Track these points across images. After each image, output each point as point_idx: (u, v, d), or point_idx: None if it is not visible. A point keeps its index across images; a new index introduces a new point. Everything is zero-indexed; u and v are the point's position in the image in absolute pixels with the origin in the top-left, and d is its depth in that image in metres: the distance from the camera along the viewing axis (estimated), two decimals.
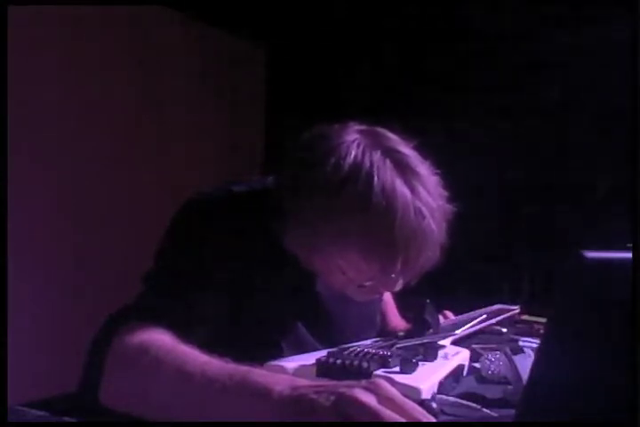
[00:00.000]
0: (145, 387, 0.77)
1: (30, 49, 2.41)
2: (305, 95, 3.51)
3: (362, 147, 0.93)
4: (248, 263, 0.96)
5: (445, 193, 0.98)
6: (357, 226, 0.91)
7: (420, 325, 1.10)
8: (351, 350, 0.91)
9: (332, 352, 0.90)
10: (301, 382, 0.66)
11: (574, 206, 2.92)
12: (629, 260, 0.54)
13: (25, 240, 2.31)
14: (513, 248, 3.03)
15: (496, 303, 1.65)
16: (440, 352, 0.98)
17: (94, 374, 0.83)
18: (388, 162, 0.92)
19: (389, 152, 0.94)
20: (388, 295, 1.39)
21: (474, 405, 0.85)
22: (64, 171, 2.61)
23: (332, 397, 0.60)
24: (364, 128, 0.98)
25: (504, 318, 1.50)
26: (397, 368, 0.86)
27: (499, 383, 0.99)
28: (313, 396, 0.61)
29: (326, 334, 1.07)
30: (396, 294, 1.28)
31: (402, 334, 1.13)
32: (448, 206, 0.97)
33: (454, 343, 1.13)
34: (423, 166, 0.96)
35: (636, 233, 1.37)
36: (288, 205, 0.94)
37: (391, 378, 0.82)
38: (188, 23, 3.17)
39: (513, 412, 0.65)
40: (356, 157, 0.91)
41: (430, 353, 0.95)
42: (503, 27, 3.09)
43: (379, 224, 0.90)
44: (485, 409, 0.84)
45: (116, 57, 2.83)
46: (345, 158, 0.91)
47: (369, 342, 1.05)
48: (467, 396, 0.90)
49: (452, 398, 0.87)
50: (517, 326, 1.54)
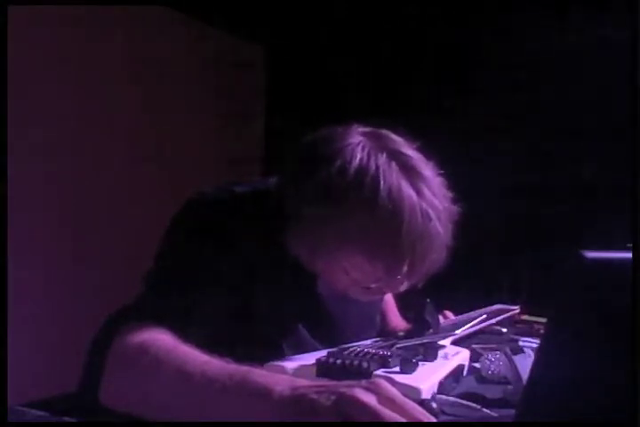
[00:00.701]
0: (145, 387, 0.77)
1: (30, 49, 2.41)
2: (305, 95, 3.51)
3: (367, 150, 0.92)
4: (249, 264, 0.96)
5: (450, 194, 0.98)
6: (363, 229, 0.91)
7: (420, 325, 1.10)
8: (351, 350, 0.91)
9: (332, 352, 0.90)
10: (301, 383, 0.66)
11: (574, 206, 2.92)
12: (629, 260, 0.54)
13: (25, 240, 2.31)
14: (513, 248, 3.03)
15: (496, 303, 1.65)
16: (440, 352, 0.98)
17: (94, 374, 0.83)
18: (393, 165, 0.92)
19: (394, 155, 0.93)
20: (388, 295, 1.38)
21: (474, 405, 0.85)
22: (64, 171, 2.61)
23: (333, 397, 0.60)
24: (367, 130, 0.98)
25: (504, 318, 1.50)
26: (397, 368, 0.86)
27: (499, 383, 0.99)
28: (313, 396, 0.61)
29: (327, 334, 1.07)
30: (397, 294, 1.29)
31: (402, 334, 1.13)
32: (454, 208, 0.97)
33: (454, 343, 1.13)
34: (428, 168, 0.96)
35: (636, 233, 1.36)
36: (291, 207, 0.94)
37: (391, 378, 0.82)
38: (188, 23, 3.17)
39: (513, 412, 0.65)
40: (361, 160, 0.91)
41: (430, 353, 0.95)
42: (503, 27, 3.10)
43: (385, 227, 0.90)
44: (485, 409, 0.84)
45: (116, 57, 2.83)
46: (350, 162, 0.91)
47: (369, 342, 1.05)
48: (467, 396, 0.90)
49: (452, 398, 0.87)
50: (517, 326, 1.54)
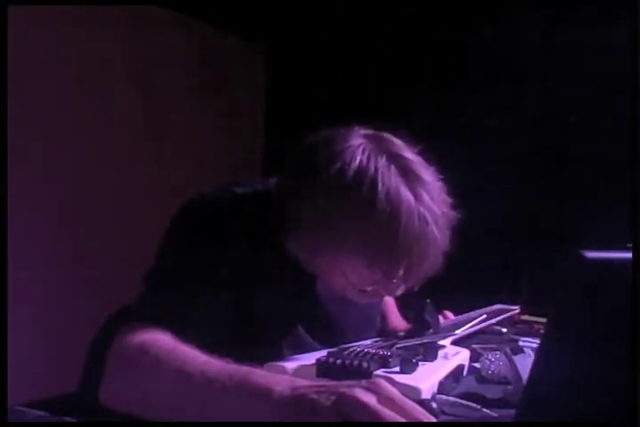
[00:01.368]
0: (145, 387, 0.77)
1: (30, 49, 2.41)
2: (305, 96, 3.51)
3: (367, 152, 0.92)
4: (248, 264, 0.96)
5: (449, 200, 0.97)
6: (360, 231, 0.91)
7: (420, 325, 1.10)
8: (351, 350, 0.91)
9: (332, 352, 0.90)
10: (302, 383, 0.66)
11: (574, 206, 2.92)
12: (629, 260, 0.54)
13: (25, 240, 2.31)
14: (513, 248, 3.03)
15: (496, 303, 1.65)
16: (440, 352, 0.98)
17: (94, 374, 0.83)
18: (392, 168, 0.92)
19: (394, 158, 0.93)
20: None
21: (474, 405, 0.85)
22: (64, 171, 2.60)
23: (333, 397, 0.60)
24: (369, 133, 0.98)
25: (504, 318, 1.51)
26: (397, 368, 0.86)
27: (499, 383, 0.99)
28: (313, 396, 0.61)
29: (326, 334, 1.07)
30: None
31: (402, 334, 1.13)
32: (452, 213, 0.97)
33: (454, 343, 1.13)
34: (428, 172, 0.96)
35: (636, 233, 1.37)
36: (290, 208, 0.94)
37: (391, 378, 0.82)
38: (188, 23, 3.17)
39: (513, 412, 0.65)
40: (361, 162, 0.91)
41: (430, 353, 0.95)
42: (503, 27, 3.09)
43: (382, 230, 0.90)
44: (485, 409, 0.84)
45: (115, 57, 2.83)
46: (350, 164, 0.91)
47: (369, 342, 1.05)
48: (467, 396, 0.90)
49: (452, 398, 0.87)
50: (517, 326, 1.54)
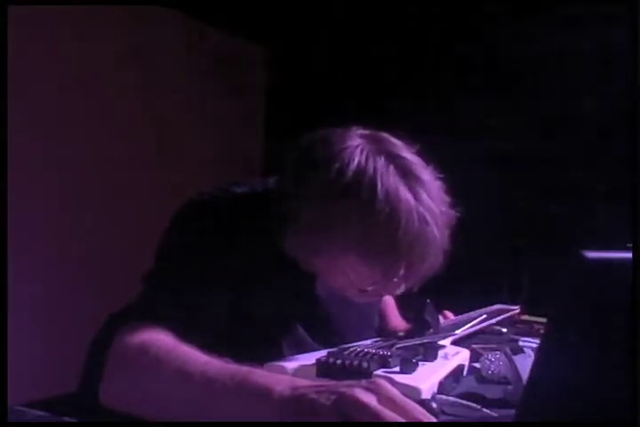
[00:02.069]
0: (145, 387, 0.77)
1: (30, 49, 2.41)
2: (305, 96, 3.51)
3: (365, 152, 0.92)
4: (248, 264, 0.96)
5: (448, 199, 0.97)
6: (360, 232, 0.91)
7: (420, 325, 1.10)
8: (351, 350, 0.91)
9: (332, 352, 0.90)
10: (302, 383, 0.66)
11: (574, 206, 2.92)
12: (629, 260, 0.54)
13: (25, 240, 2.31)
14: (513, 248, 3.03)
15: (496, 303, 1.65)
16: (440, 352, 0.98)
17: (94, 374, 0.83)
18: (391, 168, 0.92)
19: (393, 158, 0.93)
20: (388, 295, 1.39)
21: (474, 405, 0.85)
22: (64, 171, 2.61)
23: (333, 397, 0.60)
24: (367, 133, 0.98)
25: (504, 318, 1.50)
26: (397, 368, 0.86)
27: (499, 383, 0.99)
28: (313, 396, 0.61)
29: (325, 334, 1.07)
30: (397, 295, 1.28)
31: (402, 334, 1.13)
32: (451, 212, 0.97)
33: (454, 343, 1.13)
34: (426, 172, 0.96)
35: (636, 233, 1.37)
36: (289, 209, 0.94)
37: (391, 378, 0.82)
38: (188, 23, 3.17)
39: (513, 412, 0.65)
40: (359, 162, 0.91)
41: (430, 353, 0.95)
42: (503, 27, 3.10)
43: (382, 230, 0.90)
44: (485, 409, 0.84)
45: (115, 57, 2.83)
46: (348, 164, 0.91)
47: (369, 342, 1.05)
48: (467, 396, 0.90)
49: (452, 398, 0.87)
50: (517, 326, 1.54)
